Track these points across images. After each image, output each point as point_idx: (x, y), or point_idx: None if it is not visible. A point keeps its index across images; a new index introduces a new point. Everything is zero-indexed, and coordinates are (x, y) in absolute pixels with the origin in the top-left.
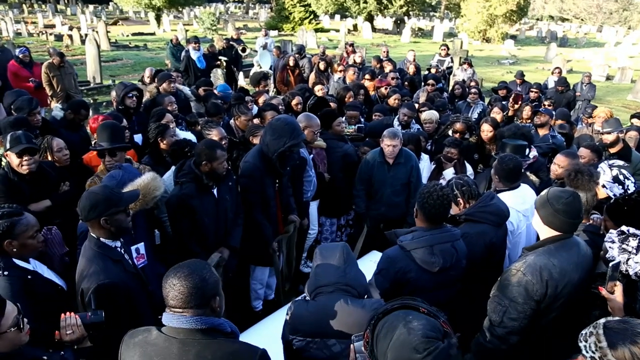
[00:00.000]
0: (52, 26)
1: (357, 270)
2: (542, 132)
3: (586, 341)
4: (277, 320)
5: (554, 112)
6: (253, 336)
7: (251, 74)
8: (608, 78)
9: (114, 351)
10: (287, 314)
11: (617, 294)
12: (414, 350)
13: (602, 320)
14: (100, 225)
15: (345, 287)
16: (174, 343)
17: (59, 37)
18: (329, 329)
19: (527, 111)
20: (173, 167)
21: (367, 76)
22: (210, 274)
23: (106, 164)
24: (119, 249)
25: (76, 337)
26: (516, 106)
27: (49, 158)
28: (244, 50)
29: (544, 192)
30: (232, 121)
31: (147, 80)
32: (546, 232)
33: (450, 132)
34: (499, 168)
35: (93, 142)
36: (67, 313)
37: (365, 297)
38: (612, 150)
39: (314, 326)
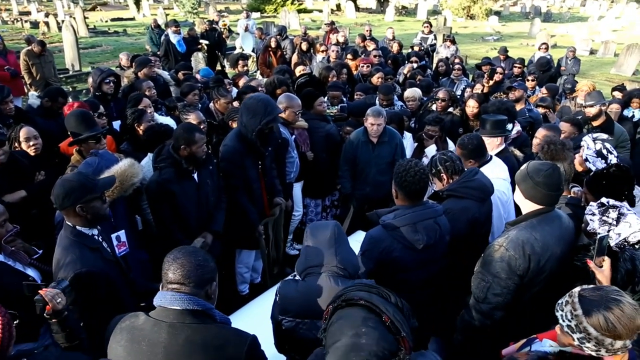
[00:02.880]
0: (28, 13)
1: (349, 250)
2: (518, 107)
3: (562, 310)
4: (264, 303)
5: (538, 88)
6: (240, 319)
7: (229, 57)
8: (592, 52)
9: (95, 340)
10: (276, 294)
11: (605, 267)
12: None
13: (577, 289)
14: (75, 213)
15: (336, 267)
16: (163, 327)
17: (35, 25)
18: (318, 310)
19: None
20: (150, 153)
21: (349, 56)
22: (210, 259)
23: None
24: (96, 237)
25: (65, 304)
26: (491, 82)
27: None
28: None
29: (523, 166)
30: (211, 104)
31: (124, 64)
32: (528, 206)
33: (433, 107)
34: (465, 153)
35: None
36: (42, 290)
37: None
38: (595, 124)
39: (303, 307)
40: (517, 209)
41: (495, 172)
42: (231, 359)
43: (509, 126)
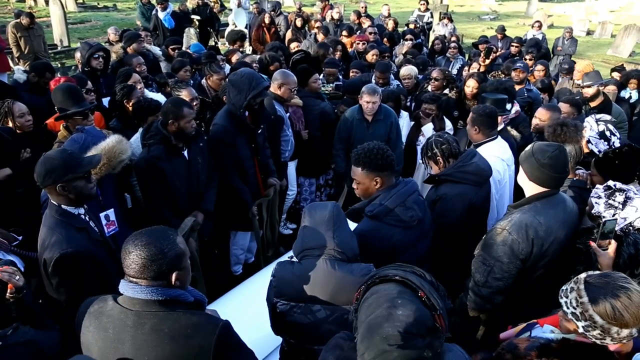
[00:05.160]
0: None
1: (347, 232)
2: (517, 86)
3: (567, 297)
4: (257, 283)
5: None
6: (234, 299)
7: (227, 32)
8: (589, 33)
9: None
10: (272, 275)
11: (610, 250)
12: (384, 340)
13: (583, 275)
14: (57, 191)
15: (333, 251)
16: (129, 315)
17: None
18: (313, 294)
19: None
20: (140, 129)
21: (344, 33)
22: (171, 247)
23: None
24: (82, 216)
25: (23, 280)
26: (487, 61)
27: (10, 124)
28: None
29: (528, 147)
30: (204, 81)
31: (113, 39)
32: (532, 189)
33: (429, 88)
34: (475, 117)
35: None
36: None
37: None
38: (593, 104)
39: (298, 291)
40: (516, 192)
41: (495, 151)
42: (200, 347)
43: (508, 106)
